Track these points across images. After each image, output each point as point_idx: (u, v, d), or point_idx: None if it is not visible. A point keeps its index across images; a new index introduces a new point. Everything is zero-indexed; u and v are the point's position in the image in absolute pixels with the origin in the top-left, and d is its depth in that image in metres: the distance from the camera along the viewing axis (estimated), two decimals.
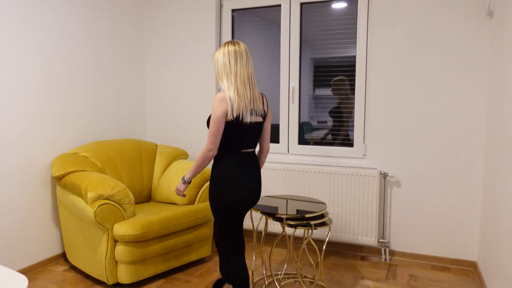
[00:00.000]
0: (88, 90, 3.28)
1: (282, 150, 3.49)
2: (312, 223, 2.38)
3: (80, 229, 2.73)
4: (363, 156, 3.22)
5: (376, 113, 3.11)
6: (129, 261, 2.56)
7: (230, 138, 2.01)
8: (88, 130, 3.29)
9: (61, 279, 2.77)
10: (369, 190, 3.04)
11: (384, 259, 3.10)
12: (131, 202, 2.67)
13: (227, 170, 2.02)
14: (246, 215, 3.43)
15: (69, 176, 2.73)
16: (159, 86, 3.84)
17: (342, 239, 3.17)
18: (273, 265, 3.00)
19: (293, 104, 3.40)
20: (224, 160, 2.04)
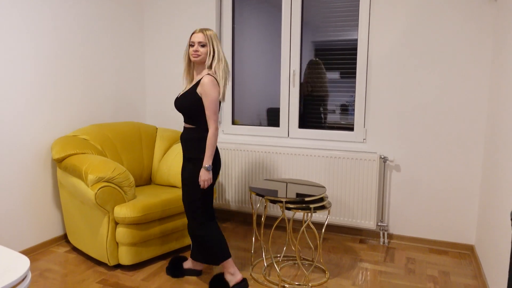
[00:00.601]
0: (88, 72, 3.26)
1: (282, 134, 3.49)
2: (311, 207, 2.40)
3: (81, 211, 2.75)
4: (363, 140, 3.21)
5: (377, 97, 3.10)
6: (130, 243, 2.58)
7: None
8: (88, 112, 3.29)
9: (63, 260, 2.80)
10: (369, 174, 3.05)
11: (382, 242, 3.13)
12: (131, 184, 2.68)
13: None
14: (246, 199, 3.46)
15: (70, 158, 2.74)
16: (159, 69, 3.81)
17: (341, 222, 3.19)
18: (272, 247, 3.03)
19: (293, 88, 3.38)
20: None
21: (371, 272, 2.66)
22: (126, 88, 3.66)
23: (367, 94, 3.17)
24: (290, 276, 2.59)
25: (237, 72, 3.67)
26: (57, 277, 2.57)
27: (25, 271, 1.16)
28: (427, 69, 2.95)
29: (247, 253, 2.94)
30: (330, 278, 2.58)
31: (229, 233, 3.32)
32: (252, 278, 2.57)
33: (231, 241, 3.15)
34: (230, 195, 3.55)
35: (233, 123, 3.71)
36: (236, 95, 3.69)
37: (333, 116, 3.37)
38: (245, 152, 3.43)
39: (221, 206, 3.60)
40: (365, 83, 3.16)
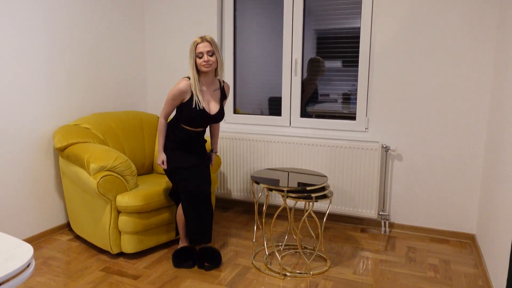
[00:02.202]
0: (89, 62, 3.25)
1: (284, 123, 3.48)
2: (313, 196, 2.40)
3: (84, 199, 2.76)
4: (365, 129, 3.21)
5: (379, 86, 3.08)
6: (132, 231, 2.60)
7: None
8: (89, 101, 3.28)
9: (66, 248, 2.83)
10: (371, 164, 3.05)
11: (383, 231, 3.14)
12: (133, 173, 2.68)
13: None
14: (248, 188, 3.47)
15: (72, 147, 2.74)
16: (160, 57, 3.79)
17: (343, 211, 3.20)
18: (274, 236, 3.05)
19: (295, 77, 3.37)
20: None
21: (372, 261, 2.68)
22: (127, 77, 3.65)
23: (369, 83, 3.15)
24: (291, 265, 2.61)
25: (239, 61, 3.65)
26: (60, 265, 2.59)
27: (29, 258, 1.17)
28: (430, 57, 2.93)
29: (249, 242, 2.96)
30: (331, 267, 2.59)
31: (230, 222, 3.34)
32: (254, 266, 2.59)
33: (233, 230, 3.17)
34: (232, 184, 3.56)
35: (235, 112, 3.70)
36: (238, 84, 3.68)
37: (335, 105, 3.36)
38: (247, 141, 3.43)
39: (223, 195, 3.61)
40: (368, 72, 3.14)
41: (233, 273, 2.50)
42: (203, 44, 2.33)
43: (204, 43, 2.33)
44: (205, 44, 2.33)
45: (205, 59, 2.32)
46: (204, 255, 2.54)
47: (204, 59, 2.32)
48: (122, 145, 3.08)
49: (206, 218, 2.55)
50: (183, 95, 2.39)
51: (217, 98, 2.50)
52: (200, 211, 2.53)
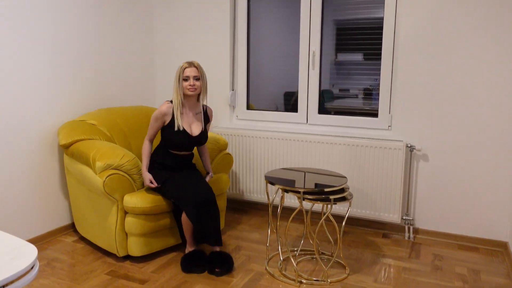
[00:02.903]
0: (95, 56, 3.29)
1: (301, 120, 3.47)
2: (331, 198, 2.40)
3: (89, 199, 2.80)
4: (388, 127, 3.18)
5: (403, 81, 3.05)
6: (139, 234, 2.63)
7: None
8: (95, 96, 3.32)
9: (70, 250, 2.87)
10: (394, 164, 3.03)
11: (407, 237, 3.12)
12: (140, 172, 2.71)
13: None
14: (262, 189, 3.47)
15: (77, 144, 2.78)
16: (170, 52, 3.82)
17: (363, 215, 3.18)
18: (289, 240, 3.05)
19: (313, 70, 3.36)
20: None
21: (395, 269, 2.66)
22: (135, 72, 3.68)
23: (393, 78, 3.12)
24: (307, 271, 2.61)
25: (252, 54, 3.65)
26: (64, 267, 2.63)
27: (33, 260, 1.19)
28: (460, 50, 2.88)
29: (262, 246, 2.96)
30: (350, 274, 2.58)
31: (243, 225, 3.35)
32: (268, 272, 2.59)
33: (245, 233, 3.18)
34: (244, 184, 3.57)
35: (248, 108, 3.71)
36: (251, 78, 3.69)
37: (355, 101, 3.34)
38: (261, 139, 3.43)
39: (235, 196, 3.62)
40: (391, 65, 3.11)
41: (245, 279, 2.51)
42: (190, 69, 2.60)
43: (191, 68, 2.60)
44: (192, 69, 2.60)
45: (190, 83, 2.59)
46: (215, 260, 2.55)
47: (189, 83, 2.59)
48: (129, 142, 3.11)
49: (215, 219, 2.57)
50: (165, 117, 2.65)
51: (200, 121, 2.74)
52: (206, 213, 2.54)
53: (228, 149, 3.55)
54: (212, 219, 2.55)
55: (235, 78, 3.70)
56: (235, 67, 3.68)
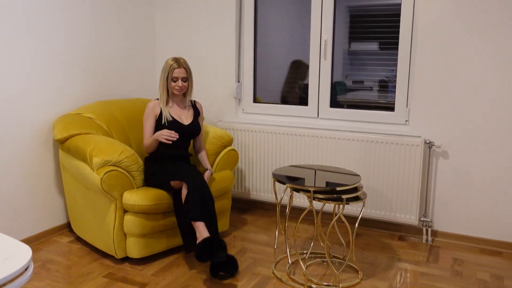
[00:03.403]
0: (92, 45, 3.29)
1: (311, 114, 3.47)
2: (343, 197, 2.39)
3: (86, 197, 2.81)
4: (406, 122, 3.17)
5: (422, 72, 3.03)
6: (139, 234, 2.64)
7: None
8: (93, 88, 3.34)
9: (66, 251, 2.89)
10: (411, 161, 3.01)
11: (425, 240, 3.11)
12: (140, 169, 2.73)
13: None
14: (269, 187, 3.47)
15: (73, 139, 2.79)
16: (172, 41, 3.82)
17: (378, 216, 3.18)
18: (298, 243, 3.05)
19: (325, 61, 3.34)
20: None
21: (411, 274, 2.65)
22: (135, 62, 3.69)
23: (411, 69, 3.10)
24: (318, 276, 2.61)
25: (260, 43, 3.64)
26: (60, 269, 2.65)
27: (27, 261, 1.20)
28: (484, 40, 2.85)
29: (270, 248, 2.97)
30: (364, 279, 2.58)
31: (249, 226, 3.36)
32: (275, 276, 2.59)
33: (251, 234, 3.18)
34: (251, 182, 3.57)
35: (255, 101, 3.70)
36: (259, 69, 3.68)
37: (370, 93, 3.32)
38: (268, 134, 3.43)
39: (240, 195, 3.63)
40: (409, 55, 3.09)
41: (251, 284, 2.51)
42: (179, 70, 2.78)
43: (180, 69, 2.78)
44: (181, 70, 2.79)
45: (179, 85, 2.80)
46: (219, 262, 2.56)
47: (178, 84, 2.79)
48: (129, 137, 3.12)
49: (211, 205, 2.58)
50: (155, 111, 2.83)
51: (190, 113, 2.93)
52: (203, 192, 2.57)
53: (233, 145, 3.56)
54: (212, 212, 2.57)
55: (241, 69, 3.69)
56: (241, 57, 3.67)
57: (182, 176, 2.62)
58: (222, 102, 3.72)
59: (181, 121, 2.85)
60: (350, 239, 2.54)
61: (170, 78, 2.79)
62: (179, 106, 2.90)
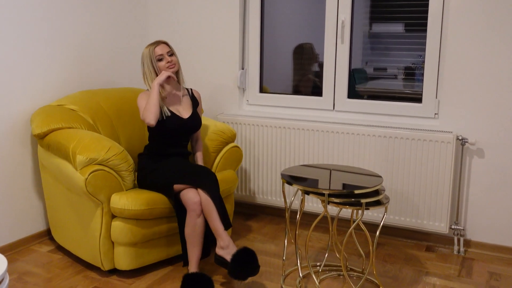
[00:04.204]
0: (76, 26, 3.30)
1: (326, 106, 3.47)
2: (363, 202, 2.39)
3: (68, 200, 2.83)
4: (435, 115, 3.16)
5: (455, 58, 3.02)
6: (129, 243, 2.65)
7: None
8: (76, 77, 3.34)
9: (45, 262, 2.91)
10: (441, 161, 3.01)
11: (457, 251, 3.10)
12: (130, 168, 2.73)
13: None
14: (277, 189, 3.47)
15: (54, 134, 2.80)
16: (165, 22, 3.82)
17: (402, 223, 3.18)
18: (310, 253, 3.05)
19: (342, 45, 3.34)
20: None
21: None
22: (124, 47, 3.69)
23: (441, 54, 3.09)
24: None
25: (267, 25, 3.64)
26: (39, 282, 2.67)
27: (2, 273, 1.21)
28: None
29: (278, 259, 2.97)
30: None
31: (254, 233, 3.36)
32: None
33: (257, 244, 3.19)
34: (256, 184, 3.58)
35: (261, 91, 3.71)
36: (266, 55, 3.68)
37: (394, 82, 3.32)
38: (276, 129, 3.44)
39: (244, 199, 3.64)
40: (439, 38, 3.08)
41: None
42: (160, 46, 2.80)
43: (160, 45, 2.81)
44: (162, 46, 2.81)
45: (168, 60, 2.80)
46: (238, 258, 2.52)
47: (167, 60, 2.80)
48: (117, 132, 3.14)
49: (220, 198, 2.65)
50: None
51: (188, 104, 2.94)
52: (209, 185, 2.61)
53: (237, 141, 3.56)
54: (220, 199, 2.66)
55: (246, 54, 3.69)
56: (246, 41, 3.67)
57: (194, 180, 2.61)
58: (224, 92, 3.73)
59: (180, 115, 2.86)
60: (370, 250, 2.53)
61: (155, 62, 2.79)
62: (174, 97, 2.90)
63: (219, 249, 2.53)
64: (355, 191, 2.42)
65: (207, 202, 2.54)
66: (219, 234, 2.53)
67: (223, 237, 2.51)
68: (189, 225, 2.59)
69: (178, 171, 2.70)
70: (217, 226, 2.53)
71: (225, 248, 2.51)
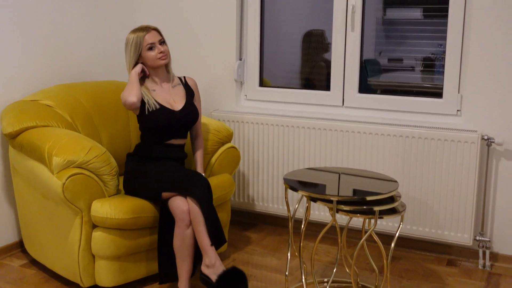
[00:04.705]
0: (52, 13, 3.29)
1: (334, 102, 3.46)
2: (376, 210, 2.37)
3: (43, 208, 2.80)
4: (457, 112, 3.16)
5: (480, 47, 3.02)
6: (111, 256, 2.62)
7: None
8: (52, 69, 3.33)
9: (18, 278, 2.89)
10: (464, 164, 3.00)
11: (481, 265, 3.10)
12: (113, 172, 2.71)
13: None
14: (280, 196, 3.46)
15: (27, 133, 2.78)
16: (153, 8, 3.83)
17: (421, 234, 3.17)
18: (316, 268, 3.04)
19: (352, 33, 3.33)
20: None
21: None
22: (106, 35, 3.69)
23: (464, 43, 3.09)
24: None
25: (268, 10, 3.65)
26: None
27: None
28: None
29: (280, 275, 2.96)
30: None
31: (253, 246, 3.36)
32: None
33: (256, 257, 3.18)
34: (255, 190, 3.56)
35: (261, 85, 3.70)
36: (266, 44, 3.68)
37: (411, 75, 3.31)
38: (278, 128, 3.43)
39: (242, 206, 3.63)
40: (462, 26, 3.08)
41: None
42: (150, 34, 2.77)
43: (151, 33, 2.78)
44: (153, 33, 2.78)
45: (160, 50, 2.77)
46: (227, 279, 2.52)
47: (159, 50, 2.77)
48: (99, 130, 3.12)
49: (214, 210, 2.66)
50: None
51: (180, 95, 2.92)
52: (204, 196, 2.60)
53: (234, 141, 3.54)
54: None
55: (244, 43, 3.69)
56: (244, 28, 3.66)
57: (183, 187, 2.59)
58: (219, 86, 3.72)
59: (171, 107, 2.83)
60: (384, 264, 2.52)
61: (144, 50, 2.76)
62: (164, 89, 2.87)
63: (205, 267, 2.52)
64: (367, 197, 2.42)
65: (195, 213, 2.52)
66: (205, 251, 2.52)
67: (209, 254, 2.50)
68: (177, 237, 2.57)
69: (167, 177, 2.67)
70: (203, 240, 2.52)
71: (211, 267, 2.50)
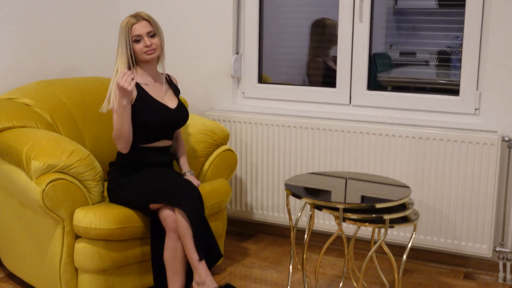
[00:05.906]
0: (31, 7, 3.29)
1: (341, 100, 3.47)
2: (386, 218, 2.39)
3: (21, 217, 2.81)
4: (475, 111, 3.17)
5: (500, 39, 3.03)
6: (96, 269, 2.63)
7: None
8: (31, 64, 3.34)
9: None
10: (483, 167, 3.01)
11: (502, 279, 3.11)
12: (97, 177, 2.71)
13: None
14: (281, 203, 3.48)
15: (3, 135, 2.79)
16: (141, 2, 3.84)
17: (435, 245, 3.18)
18: (321, 282, 3.05)
19: (360, 23, 3.34)
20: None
21: None
22: (90, 27, 3.69)
23: (483, 35, 3.10)
24: None
25: (267, 1, 3.64)
26: None
27: None
28: None
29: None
30: None
31: (252, 258, 3.37)
32: None
33: (255, 270, 3.19)
34: (254, 197, 3.58)
35: (260, 81, 3.71)
36: (266, 37, 3.68)
37: (425, 70, 3.32)
38: (279, 128, 3.44)
39: (239, 215, 3.64)
40: (481, 15, 3.09)
41: None
42: (140, 24, 2.70)
43: (140, 23, 2.71)
44: (142, 23, 2.71)
45: (146, 43, 2.71)
46: None
47: (145, 44, 2.71)
48: (81, 132, 3.13)
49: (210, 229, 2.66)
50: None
51: (171, 93, 2.93)
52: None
53: (230, 143, 3.55)
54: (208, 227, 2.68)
55: (241, 36, 3.70)
56: (241, 20, 3.68)
57: (170, 197, 2.60)
58: (214, 82, 3.73)
59: (166, 105, 2.83)
60: (395, 278, 2.53)
61: (131, 42, 2.71)
62: (156, 84, 2.86)
63: (195, 284, 2.55)
64: (376, 205, 2.42)
65: (182, 226, 2.54)
66: (194, 267, 2.55)
67: (198, 270, 2.53)
68: (169, 249, 2.59)
69: (153, 187, 2.67)
70: (191, 255, 2.54)
71: (201, 285, 2.52)
